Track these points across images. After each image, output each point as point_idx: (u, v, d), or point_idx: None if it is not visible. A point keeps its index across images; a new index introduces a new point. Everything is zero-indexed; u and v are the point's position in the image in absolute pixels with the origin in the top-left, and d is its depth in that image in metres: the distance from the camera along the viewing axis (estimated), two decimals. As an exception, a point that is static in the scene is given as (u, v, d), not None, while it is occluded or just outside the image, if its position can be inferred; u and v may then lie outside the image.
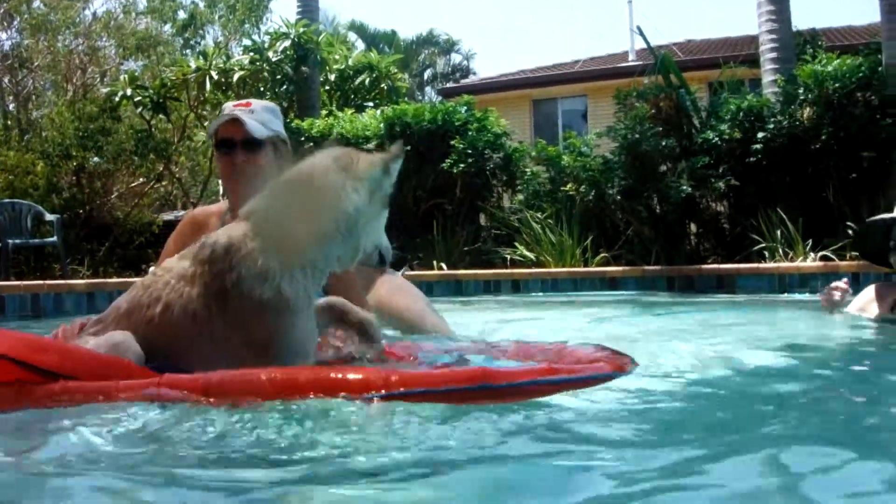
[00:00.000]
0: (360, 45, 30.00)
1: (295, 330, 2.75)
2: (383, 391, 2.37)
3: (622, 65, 21.74)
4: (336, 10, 60.26)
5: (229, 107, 3.75)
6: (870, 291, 4.68)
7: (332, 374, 2.51)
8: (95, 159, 14.54)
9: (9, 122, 17.54)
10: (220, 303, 2.67)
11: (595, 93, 21.24)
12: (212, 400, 2.39)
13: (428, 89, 37.84)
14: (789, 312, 6.02)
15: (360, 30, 34.90)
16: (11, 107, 18.35)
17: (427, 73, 39.33)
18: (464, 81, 30.30)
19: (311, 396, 2.39)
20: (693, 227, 10.78)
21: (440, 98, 24.63)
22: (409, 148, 11.10)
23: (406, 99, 14.78)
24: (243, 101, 3.77)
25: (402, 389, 2.39)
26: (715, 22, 79.66)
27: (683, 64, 18.35)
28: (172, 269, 2.77)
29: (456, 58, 40.03)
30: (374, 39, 34.48)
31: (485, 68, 59.77)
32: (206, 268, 2.69)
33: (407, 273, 9.21)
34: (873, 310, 4.57)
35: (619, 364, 2.64)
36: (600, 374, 2.57)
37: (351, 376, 2.48)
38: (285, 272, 2.69)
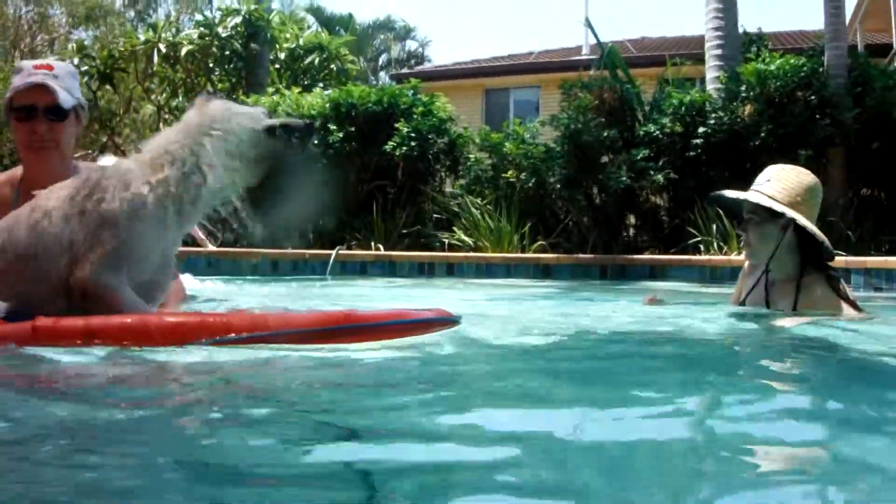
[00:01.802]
0: (318, 28, 29.91)
1: (145, 239, 2.88)
2: (264, 332, 2.63)
3: (575, 58, 21.79)
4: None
5: (29, 67, 3.43)
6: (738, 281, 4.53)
7: (216, 320, 2.71)
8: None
9: (-49, 87, 17.24)
10: (80, 215, 2.81)
11: (548, 84, 21.27)
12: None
13: (382, 74, 37.77)
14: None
15: (316, 12, 34.62)
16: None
17: (382, 59, 39.27)
18: (418, 68, 30.26)
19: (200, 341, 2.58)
20: (633, 219, 10.87)
21: (393, 83, 24.66)
22: (353, 129, 11.14)
23: (357, 81, 14.73)
24: (45, 63, 3.47)
25: (278, 330, 2.67)
26: (672, 20, 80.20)
27: (636, 60, 18.50)
28: (51, 196, 2.90)
29: (412, 44, 40.07)
30: (330, 22, 34.23)
31: (440, 56, 59.84)
32: (81, 187, 2.87)
33: (342, 252, 9.25)
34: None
35: (449, 314, 2.98)
36: (441, 318, 2.91)
37: (235, 321, 2.67)
38: (154, 192, 2.86)
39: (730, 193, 4.20)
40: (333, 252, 9.08)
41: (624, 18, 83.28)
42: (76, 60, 13.38)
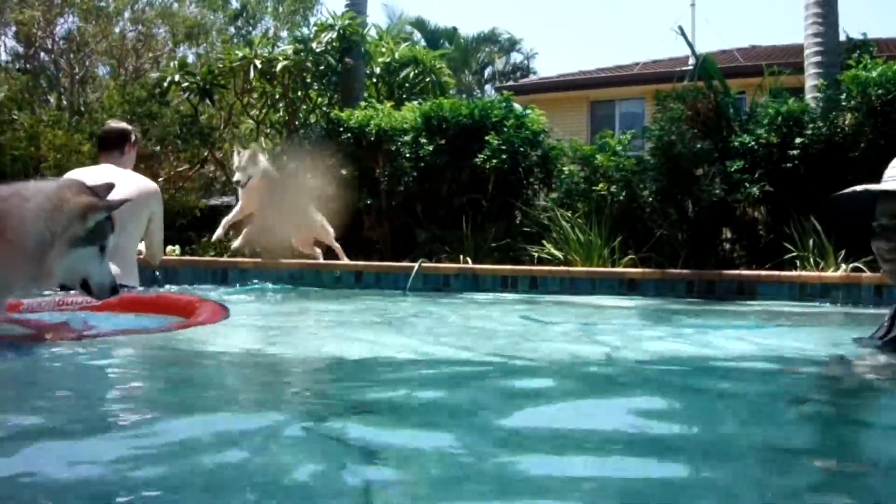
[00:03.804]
0: (424, 42, 30.12)
1: None
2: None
3: (680, 68, 21.40)
4: (404, 6, 60.58)
5: None
6: None
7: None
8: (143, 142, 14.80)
9: (63, 103, 17.89)
10: None
11: (653, 96, 20.95)
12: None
13: (488, 87, 37.74)
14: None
15: (420, 25, 34.83)
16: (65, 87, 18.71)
17: (487, 72, 39.18)
18: (523, 80, 30.20)
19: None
20: (728, 233, 10.56)
21: (498, 96, 24.61)
22: (443, 142, 11.11)
23: (463, 95, 14.75)
24: None
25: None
26: (784, 27, 78.13)
27: (744, 69, 18.07)
28: None
29: (517, 57, 39.86)
30: (434, 35, 34.42)
31: (546, 68, 59.59)
32: None
33: (424, 265, 9.21)
34: None
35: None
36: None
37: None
38: None
39: (868, 187, 3.37)
40: (416, 265, 9.05)
41: (735, 27, 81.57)
42: (177, 77, 13.71)
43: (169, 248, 11.12)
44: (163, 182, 15.30)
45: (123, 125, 7.01)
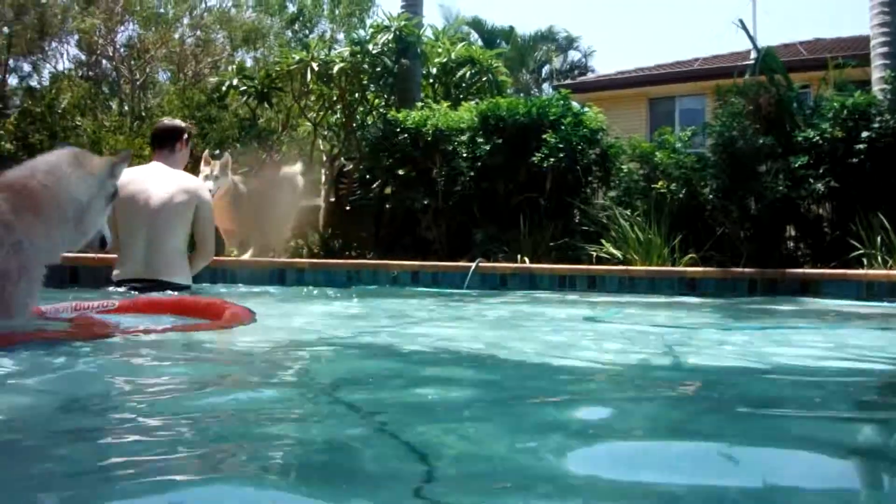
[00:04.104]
0: (481, 42, 30.07)
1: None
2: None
3: (742, 63, 21.05)
4: (461, 6, 60.66)
5: None
6: None
7: None
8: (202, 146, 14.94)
9: (124, 109, 18.15)
10: None
11: (713, 92, 20.63)
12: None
13: (545, 86, 37.54)
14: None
15: (476, 25, 34.80)
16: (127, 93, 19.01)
17: (545, 70, 38.97)
18: (580, 78, 29.97)
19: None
20: (792, 231, 10.33)
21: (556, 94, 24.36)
22: (500, 141, 11.02)
23: (520, 94, 14.65)
24: None
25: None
26: (848, 20, 76.72)
27: (808, 63, 17.70)
28: None
29: (574, 55, 39.61)
30: (491, 35, 34.38)
31: (604, 66, 59.14)
32: None
33: (481, 264, 9.12)
34: None
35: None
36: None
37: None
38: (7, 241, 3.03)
39: None
40: (473, 264, 8.98)
41: (798, 21, 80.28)
42: (235, 81, 13.80)
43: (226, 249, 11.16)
44: (222, 185, 15.43)
45: (176, 122, 7.04)
